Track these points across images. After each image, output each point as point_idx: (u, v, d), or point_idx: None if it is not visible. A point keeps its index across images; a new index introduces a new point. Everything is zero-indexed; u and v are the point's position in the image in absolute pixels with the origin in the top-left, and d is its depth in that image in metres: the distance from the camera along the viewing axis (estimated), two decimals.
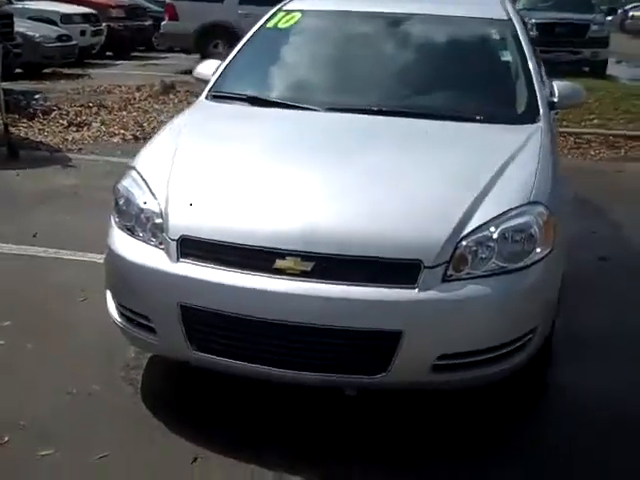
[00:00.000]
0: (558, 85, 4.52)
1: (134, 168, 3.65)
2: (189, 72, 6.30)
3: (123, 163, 7.56)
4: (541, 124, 4.07)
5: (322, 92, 4.39)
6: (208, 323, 3.18)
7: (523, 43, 4.60)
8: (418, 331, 3.03)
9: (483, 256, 3.13)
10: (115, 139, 9.09)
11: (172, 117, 9.78)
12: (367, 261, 3.07)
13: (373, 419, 3.48)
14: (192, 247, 3.21)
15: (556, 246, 3.34)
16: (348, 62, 4.63)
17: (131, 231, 3.44)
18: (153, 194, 3.43)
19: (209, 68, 4.79)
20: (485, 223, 3.17)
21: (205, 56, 16.06)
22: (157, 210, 3.36)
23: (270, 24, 4.86)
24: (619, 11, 36.00)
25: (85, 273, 4.96)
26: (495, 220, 3.19)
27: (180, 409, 3.52)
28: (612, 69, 18.59)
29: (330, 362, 3.10)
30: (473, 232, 3.14)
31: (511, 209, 3.25)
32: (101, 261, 3.56)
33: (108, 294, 3.60)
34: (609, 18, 21.91)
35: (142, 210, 3.41)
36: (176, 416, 3.43)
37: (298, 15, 4.85)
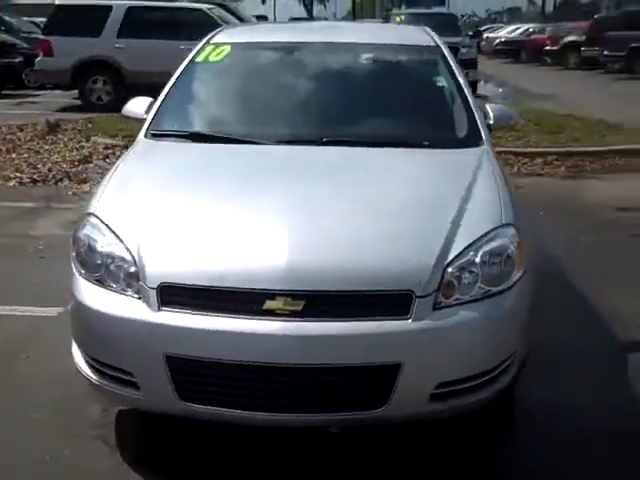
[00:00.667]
0: (491, 107, 4.63)
1: (93, 215, 3.47)
2: (69, 109, 6.12)
3: (29, 208, 7.44)
4: (485, 147, 4.16)
5: (268, 125, 4.33)
6: (197, 372, 3.05)
7: (454, 68, 4.70)
8: (416, 361, 3.01)
9: (468, 281, 3.15)
10: (11, 183, 8.69)
11: (66, 157, 9.64)
12: (359, 295, 3.03)
13: (350, 453, 3.44)
14: (173, 294, 3.08)
15: (527, 267, 3.40)
16: (287, 94, 4.59)
17: (100, 282, 3.27)
18: (121, 241, 3.28)
19: (140, 105, 4.65)
20: (466, 248, 3.20)
21: (82, 92, 15.70)
22: (128, 258, 3.21)
23: (200, 58, 4.77)
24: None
25: (15, 328, 4.69)
26: (474, 245, 3.22)
27: (164, 464, 3.35)
28: (480, 90, 19.33)
29: (329, 401, 3.04)
30: (456, 258, 3.15)
31: (487, 233, 3.29)
32: (28, 313, 3.36)
33: (75, 348, 3.41)
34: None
35: (111, 259, 3.25)
36: (162, 472, 3.27)
37: (228, 48, 4.79)
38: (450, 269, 3.12)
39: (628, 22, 24.03)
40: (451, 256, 3.15)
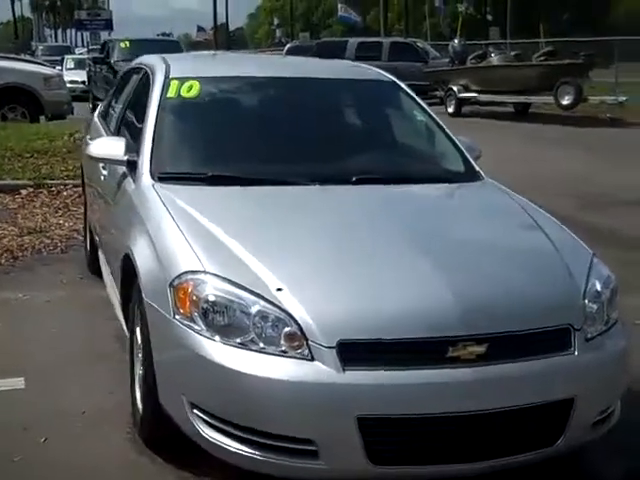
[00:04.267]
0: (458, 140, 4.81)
1: (207, 273, 3.10)
2: None
3: None
4: (489, 179, 4.37)
5: (291, 165, 4.12)
6: (388, 431, 2.90)
7: (419, 101, 4.84)
8: (585, 393, 3.11)
9: (599, 311, 3.31)
10: None
11: None
12: (532, 334, 3.08)
13: None
14: (354, 351, 2.89)
15: None
16: (290, 131, 4.41)
17: (245, 345, 2.95)
18: (265, 298, 2.98)
19: (115, 147, 4.18)
20: (588, 278, 3.36)
21: None
22: (283, 316, 2.94)
23: (170, 94, 4.39)
24: None
25: (18, 405, 4.01)
26: (590, 276, 3.40)
27: None
28: None
29: (516, 442, 3.04)
30: (587, 290, 3.30)
31: (590, 263, 3.49)
32: None
33: (200, 422, 3.03)
34: None
35: (261, 319, 2.95)
36: None
37: (197, 83, 4.47)
38: (586, 301, 3.27)
39: None
40: (583, 288, 3.30)
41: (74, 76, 19.01)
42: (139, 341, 3.60)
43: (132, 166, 4.09)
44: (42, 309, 5.39)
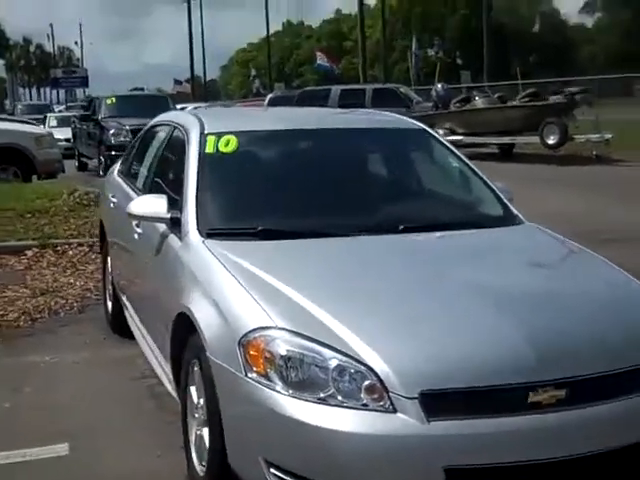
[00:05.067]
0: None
1: (279, 328, 3.06)
2: None
3: None
4: (529, 222, 4.39)
5: (339, 217, 4.13)
6: None
7: (451, 147, 4.87)
8: None
9: None
10: None
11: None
12: (609, 375, 3.06)
13: None
14: (436, 401, 2.85)
15: None
16: (335, 183, 4.41)
17: (324, 400, 2.90)
18: (343, 352, 2.95)
19: (156, 205, 4.15)
20: None
21: None
22: (362, 369, 2.91)
23: (209, 150, 4.38)
24: None
25: (66, 472, 3.92)
26: None
27: None
28: None
29: None
30: None
31: None
32: None
33: None
34: None
35: (340, 374, 2.91)
36: None
37: (234, 138, 4.47)
38: None
39: None
40: None
41: (57, 134, 18.92)
42: (195, 401, 3.54)
43: (175, 223, 4.06)
44: (71, 371, 5.31)
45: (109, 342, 5.88)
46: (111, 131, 17.42)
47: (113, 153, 16.27)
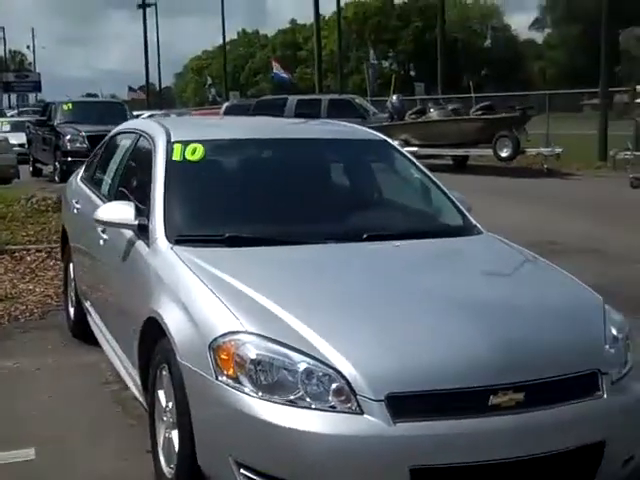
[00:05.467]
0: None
1: (248, 333, 3.15)
2: None
3: None
4: (487, 232, 4.54)
5: (304, 225, 4.22)
6: None
7: (412, 158, 5.01)
8: (615, 436, 3.24)
9: (619, 354, 3.46)
10: None
11: None
12: (564, 380, 3.20)
13: None
14: (401, 403, 2.97)
15: None
16: (300, 191, 4.52)
17: (294, 403, 3.00)
18: (311, 356, 3.05)
19: (124, 211, 4.22)
20: (604, 323, 3.52)
21: None
22: (330, 372, 3.01)
23: (176, 157, 4.46)
24: None
25: (33, 477, 3.96)
26: (608, 320, 3.56)
27: None
28: None
29: None
30: (607, 335, 3.46)
31: (604, 308, 3.66)
32: None
33: None
34: None
35: (309, 377, 3.01)
36: None
37: (200, 146, 4.55)
38: (607, 345, 3.42)
39: None
40: (603, 333, 3.45)
41: (12, 139, 18.75)
42: (164, 404, 3.60)
43: (143, 230, 4.13)
44: (34, 377, 5.32)
45: (72, 348, 5.89)
46: (67, 137, 17.32)
47: (69, 159, 16.21)
